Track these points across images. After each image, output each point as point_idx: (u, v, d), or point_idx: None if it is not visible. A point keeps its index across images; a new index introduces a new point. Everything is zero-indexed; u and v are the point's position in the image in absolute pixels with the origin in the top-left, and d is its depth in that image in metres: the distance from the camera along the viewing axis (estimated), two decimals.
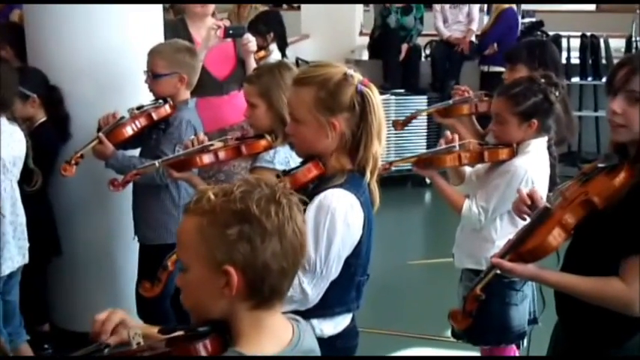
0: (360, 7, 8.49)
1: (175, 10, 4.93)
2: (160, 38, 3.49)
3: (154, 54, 3.02)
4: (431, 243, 5.34)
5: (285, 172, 2.00)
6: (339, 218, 1.80)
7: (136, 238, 3.18)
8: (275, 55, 5.42)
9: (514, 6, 6.55)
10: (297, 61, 6.91)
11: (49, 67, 3.36)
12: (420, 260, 4.74)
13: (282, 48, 5.69)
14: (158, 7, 3.55)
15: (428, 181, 5.89)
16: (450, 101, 3.16)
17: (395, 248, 4.76)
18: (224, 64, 3.91)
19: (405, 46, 6.68)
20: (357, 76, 1.86)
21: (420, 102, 6.20)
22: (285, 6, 11.76)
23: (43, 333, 3.51)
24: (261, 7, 6.15)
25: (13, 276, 2.93)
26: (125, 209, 3.23)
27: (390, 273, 4.30)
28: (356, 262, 1.90)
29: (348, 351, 1.99)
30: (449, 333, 3.53)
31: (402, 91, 6.38)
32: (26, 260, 2.96)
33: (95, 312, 3.81)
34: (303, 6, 8.45)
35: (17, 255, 2.89)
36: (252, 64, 3.90)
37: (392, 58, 6.60)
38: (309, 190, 1.87)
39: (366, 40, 7.58)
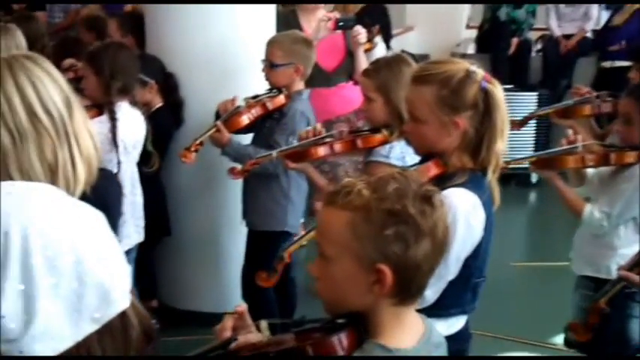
0: None
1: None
2: (272, 29, 3.54)
3: (272, 44, 3.06)
4: (535, 245, 5.18)
5: (404, 169, 1.97)
6: (460, 218, 1.76)
7: (244, 223, 3.25)
8: (380, 48, 5.40)
9: None
10: (403, 54, 6.87)
11: (166, 55, 3.47)
12: (524, 262, 4.61)
13: (387, 40, 5.66)
14: None
15: (533, 180, 5.75)
16: (571, 101, 3.05)
17: (498, 249, 4.62)
18: (333, 55, 3.92)
19: (514, 40, 6.48)
20: (480, 72, 1.81)
21: (530, 99, 6.00)
22: None
23: (151, 308, 3.64)
24: None
25: (129, 252, 3.05)
26: (234, 194, 3.30)
27: (493, 274, 4.18)
28: (474, 264, 1.86)
29: (460, 354, 1.95)
30: (555, 339, 3.42)
31: (510, 86, 6.19)
32: (142, 238, 3.08)
33: (200, 292, 3.93)
34: None
35: (134, 233, 3.01)
36: (361, 57, 3.90)
37: (501, 53, 6.43)
38: None
39: (472, 33, 7.41)
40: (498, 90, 1.81)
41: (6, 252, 0.79)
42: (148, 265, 3.56)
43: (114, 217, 1.77)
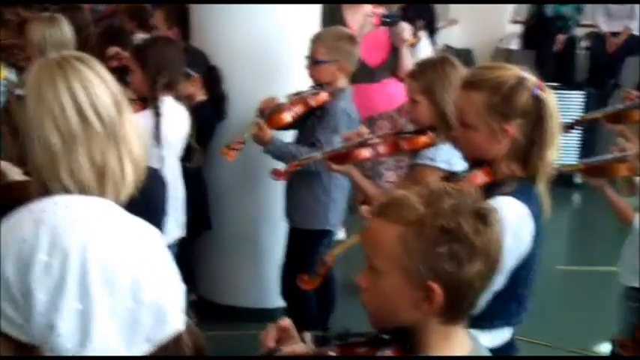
0: None
1: None
2: (316, 24, 3.52)
3: (316, 40, 3.03)
4: (579, 248, 5.07)
5: (451, 175, 1.94)
6: (507, 228, 1.71)
7: (285, 220, 3.24)
8: (424, 43, 5.35)
9: None
10: (446, 49, 6.77)
11: (211, 48, 3.47)
12: (567, 266, 4.51)
13: (431, 35, 5.59)
14: None
15: (577, 181, 5.63)
16: (621, 106, 2.96)
17: (541, 251, 4.56)
18: (377, 51, 3.89)
19: (560, 37, 6.35)
20: (532, 79, 1.77)
21: (576, 98, 5.85)
22: None
23: (190, 303, 3.64)
24: None
25: (170, 248, 3.05)
26: (275, 191, 3.29)
27: (537, 277, 4.12)
28: (521, 275, 1.82)
29: None
30: (598, 347, 3.34)
31: (555, 84, 6.07)
32: (183, 233, 3.09)
33: (239, 287, 3.93)
34: None
35: (175, 228, 3.01)
36: (405, 53, 3.87)
37: (546, 49, 6.31)
38: None
39: (516, 28, 7.29)
40: (550, 98, 1.77)
41: (65, 270, 0.78)
42: (188, 258, 3.58)
43: (160, 217, 1.77)
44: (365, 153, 2.52)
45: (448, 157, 2.34)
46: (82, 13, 4.27)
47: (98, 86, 1.51)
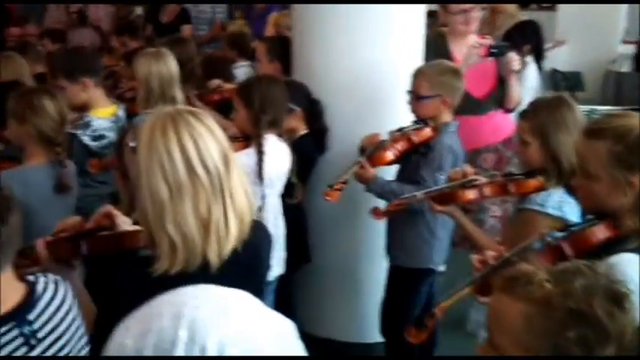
0: (623, 10, 7.76)
1: (437, 24, 4.83)
2: (420, 55, 3.45)
3: (418, 75, 2.97)
4: None
5: (569, 226, 1.82)
6: (634, 289, 1.59)
7: (385, 256, 3.17)
8: (531, 68, 5.15)
9: None
10: (554, 73, 6.52)
11: (312, 81, 3.46)
12: None
13: (539, 60, 5.38)
14: (420, 24, 3.50)
15: None
16: None
17: None
18: (483, 82, 3.76)
19: None
20: None
21: None
22: (534, 5, 11.12)
23: None
24: (518, 15, 5.85)
25: (269, 284, 3.06)
26: (377, 227, 3.23)
27: None
28: None
29: None
30: None
31: None
32: (282, 270, 3.08)
33: (339, 321, 3.88)
34: (560, 6, 7.87)
35: (275, 265, 3.00)
36: (513, 84, 3.73)
37: None
38: (597, 253, 1.68)
39: (628, 48, 6.94)
40: None
41: None
42: (287, 292, 3.57)
43: (263, 271, 1.76)
44: (469, 194, 2.42)
45: (559, 204, 2.21)
46: (187, 46, 4.37)
47: (208, 140, 1.52)
